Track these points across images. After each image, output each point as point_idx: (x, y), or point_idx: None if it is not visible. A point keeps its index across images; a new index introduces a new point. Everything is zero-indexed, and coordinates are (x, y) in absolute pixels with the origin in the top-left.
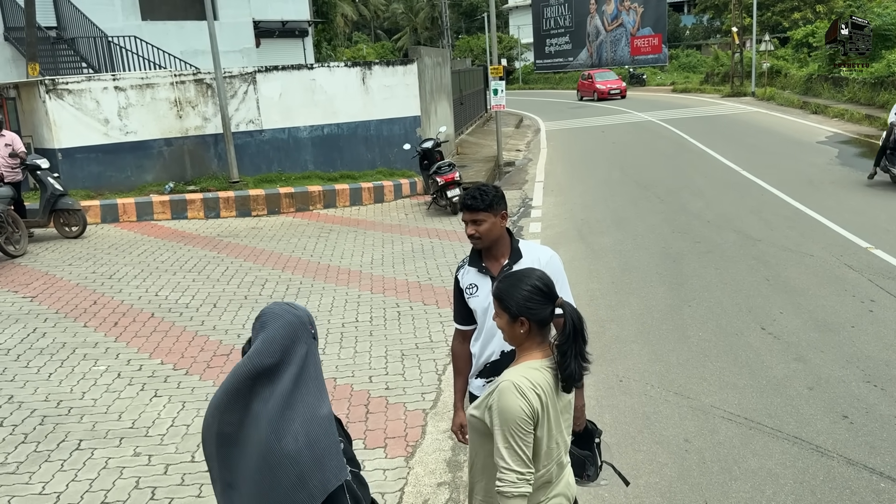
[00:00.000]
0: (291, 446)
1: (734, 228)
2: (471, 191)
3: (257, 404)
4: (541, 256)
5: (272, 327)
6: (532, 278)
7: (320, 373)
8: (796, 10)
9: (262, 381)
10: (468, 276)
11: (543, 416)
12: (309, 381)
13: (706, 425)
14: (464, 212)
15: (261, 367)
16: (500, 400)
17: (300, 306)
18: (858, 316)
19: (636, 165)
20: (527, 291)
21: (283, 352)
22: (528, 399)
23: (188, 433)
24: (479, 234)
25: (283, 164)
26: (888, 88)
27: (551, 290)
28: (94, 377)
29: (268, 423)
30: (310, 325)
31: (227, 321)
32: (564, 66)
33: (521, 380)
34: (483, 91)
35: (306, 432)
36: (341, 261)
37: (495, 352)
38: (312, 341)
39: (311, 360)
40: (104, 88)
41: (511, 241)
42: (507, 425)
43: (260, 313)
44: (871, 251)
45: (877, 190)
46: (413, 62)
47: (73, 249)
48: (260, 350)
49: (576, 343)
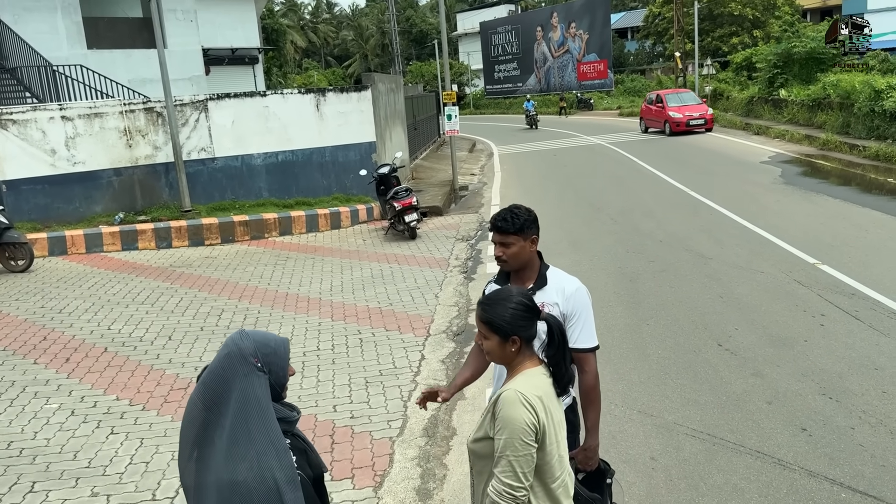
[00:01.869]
0: (241, 477)
1: (686, 247)
2: (501, 212)
3: (211, 431)
4: (566, 287)
5: (216, 358)
6: (515, 296)
7: (266, 407)
8: (734, 36)
9: (212, 411)
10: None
11: (549, 424)
12: (252, 413)
13: (671, 442)
14: (493, 233)
15: (204, 396)
16: (505, 409)
17: (253, 336)
18: (810, 330)
19: (588, 188)
20: (514, 310)
21: (222, 382)
22: (534, 410)
23: (147, 471)
24: (505, 257)
25: (236, 192)
26: (825, 110)
27: (534, 304)
28: (47, 416)
29: (221, 454)
30: (252, 357)
31: (183, 354)
32: (514, 92)
33: (525, 388)
34: (436, 116)
35: (258, 465)
36: (300, 288)
37: None
38: (254, 374)
39: (251, 392)
40: (51, 118)
41: (540, 267)
42: (511, 436)
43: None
44: (818, 267)
45: (819, 208)
46: (367, 89)
47: (19, 284)
48: (202, 380)
49: (564, 350)
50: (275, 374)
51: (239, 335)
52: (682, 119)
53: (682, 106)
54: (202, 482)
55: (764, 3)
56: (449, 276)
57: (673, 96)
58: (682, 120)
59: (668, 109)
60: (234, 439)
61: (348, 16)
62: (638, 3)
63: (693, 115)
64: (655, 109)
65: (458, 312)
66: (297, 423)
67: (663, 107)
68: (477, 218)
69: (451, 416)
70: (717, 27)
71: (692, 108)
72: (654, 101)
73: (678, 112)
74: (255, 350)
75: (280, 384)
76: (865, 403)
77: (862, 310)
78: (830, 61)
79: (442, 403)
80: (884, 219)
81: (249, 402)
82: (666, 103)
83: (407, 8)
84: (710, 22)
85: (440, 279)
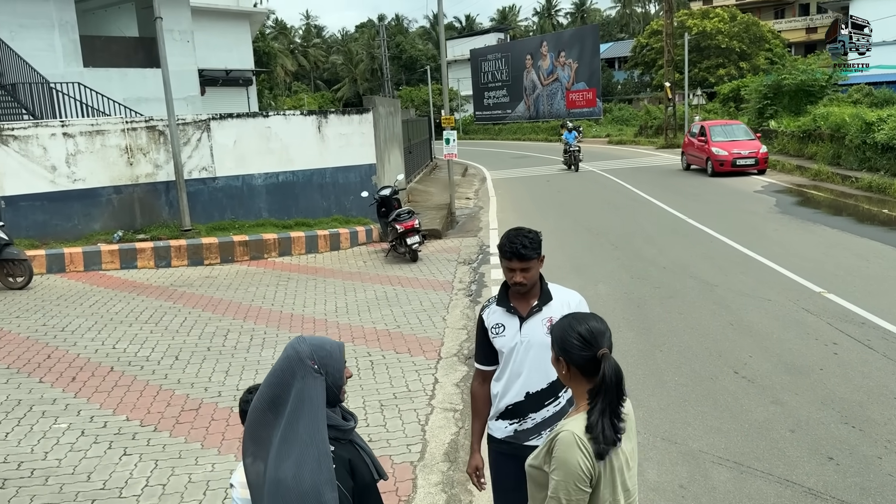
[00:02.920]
0: (282, 475)
1: (690, 274)
2: (517, 239)
3: (269, 431)
4: (570, 301)
5: (277, 361)
6: (584, 322)
7: (318, 408)
8: (721, 67)
9: (271, 411)
10: (494, 316)
11: (606, 470)
12: (303, 414)
13: (698, 470)
14: (511, 260)
15: (265, 398)
16: (561, 450)
17: (310, 341)
18: (825, 359)
19: (585, 213)
20: (571, 333)
21: (281, 383)
22: (589, 455)
23: (165, 493)
24: (526, 281)
25: (236, 212)
26: (815, 141)
27: (595, 340)
28: (56, 435)
29: (272, 450)
30: (309, 360)
31: (191, 374)
32: (503, 118)
33: (582, 430)
34: (428, 141)
35: (297, 465)
36: (304, 309)
37: (519, 394)
38: (311, 376)
39: (307, 394)
40: (52, 135)
41: (541, 282)
42: (565, 479)
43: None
44: (824, 295)
45: (818, 237)
46: (368, 111)
47: (18, 301)
48: (264, 382)
49: (606, 396)
50: (331, 377)
51: (297, 340)
52: (726, 157)
53: (729, 141)
54: (260, 481)
55: (750, 37)
56: (455, 299)
57: (718, 129)
58: (726, 158)
59: (711, 144)
60: (284, 438)
61: (338, 40)
62: (625, 34)
63: (741, 152)
64: (698, 144)
65: (467, 335)
66: (353, 430)
67: (706, 141)
68: (477, 242)
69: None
70: (703, 58)
71: (741, 145)
72: (698, 134)
73: (723, 148)
74: (311, 353)
75: (337, 386)
76: (890, 433)
77: (874, 339)
78: (819, 93)
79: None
80: (884, 249)
81: (304, 404)
82: (709, 137)
83: (397, 34)
84: (697, 53)
85: (445, 302)
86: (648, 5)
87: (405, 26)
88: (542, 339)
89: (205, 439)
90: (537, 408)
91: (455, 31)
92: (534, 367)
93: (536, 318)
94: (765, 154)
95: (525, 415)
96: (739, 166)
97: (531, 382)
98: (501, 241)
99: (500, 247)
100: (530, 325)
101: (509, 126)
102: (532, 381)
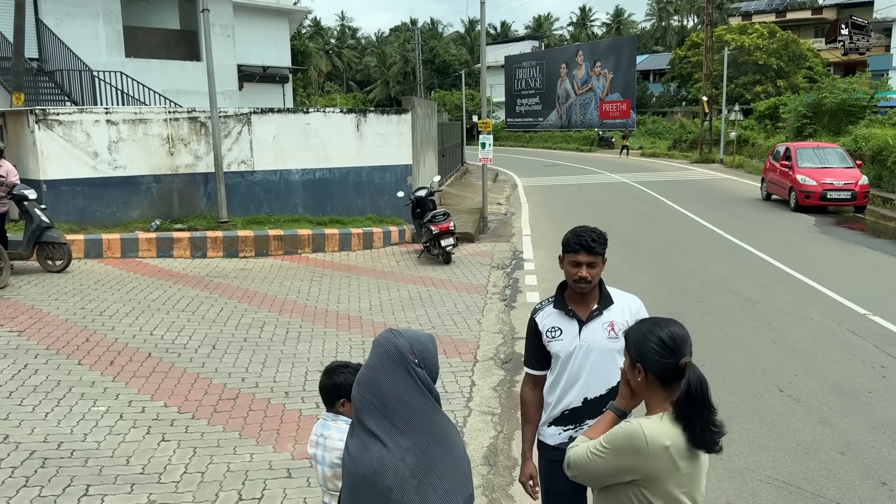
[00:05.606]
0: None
1: (730, 290)
2: (584, 233)
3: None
4: (631, 305)
5: (371, 357)
6: (664, 328)
7: (426, 400)
8: (758, 84)
9: (374, 406)
10: (550, 319)
11: (672, 469)
12: (441, 414)
13: (746, 488)
14: (579, 253)
15: (363, 396)
16: (617, 430)
17: (406, 334)
18: (873, 381)
19: (619, 224)
20: (650, 338)
21: (383, 379)
22: (650, 451)
23: (203, 481)
24: (591, 278)
25: (272, 207)
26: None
27: (677, 347)
28: (95, 418)
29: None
30: (409, 354)
31: (228, 364)
32: (534, 126)
33: (651, 428)
34: (460, 145)
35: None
36: (339, 305)
37: (577, 399)
38: (413, 370)
39: (412, 387)
40: (96, 121)
41: (600, 285)
42: (610, 440)
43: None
44: (869, 317)
45: (860, 258)
46: (407, 112)
47: (57, 284)
48: (359, 380)
49: (693, 411)
50: (428, 370)
51: (393, 334)
52: (814, 188)
53: (821, 169)
54: (383, 466)
55: (789, 55)
56: (489, 302)
57: (807, 152)
58: (814, 189)
59: (796, 171)
60: (392, 429)
61: (372, 42)
62: (661, 46)
63: (834, 182)
64: (781, 169)
65: (503, 339)
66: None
67: (790, 166)
68: (510, 247)
69: (510, 446)
70: (740, 74)
71: (834, 173)
72: (781, 157)
73: (811, 176)
74: (411, 347)
75: (434, 378)
76: None
77: None
78: (860, 113)
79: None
80: None
81: (412, 395)
82: (795, 161)
83: (431, 38)
84: (735, 69)
85: (480, 305)
86: (686, 19)
87: (439, 31)
88: (604, 344)
89: (243, 429)
90: (595, 414)
91: (490, 38)
92: (594, 373)
93: (597, 322)
94: (864, 187)
95: (582, 421)
96: (830, 200)
97: (590, 388)
98: (567, 237)
99: (566, 241)
100: (590, 329)
101: (540, 134)
102: (592, 386)
